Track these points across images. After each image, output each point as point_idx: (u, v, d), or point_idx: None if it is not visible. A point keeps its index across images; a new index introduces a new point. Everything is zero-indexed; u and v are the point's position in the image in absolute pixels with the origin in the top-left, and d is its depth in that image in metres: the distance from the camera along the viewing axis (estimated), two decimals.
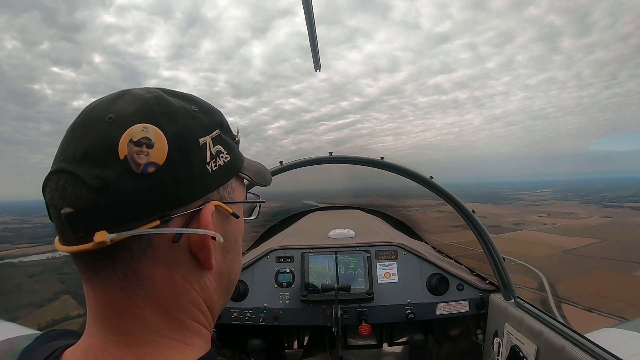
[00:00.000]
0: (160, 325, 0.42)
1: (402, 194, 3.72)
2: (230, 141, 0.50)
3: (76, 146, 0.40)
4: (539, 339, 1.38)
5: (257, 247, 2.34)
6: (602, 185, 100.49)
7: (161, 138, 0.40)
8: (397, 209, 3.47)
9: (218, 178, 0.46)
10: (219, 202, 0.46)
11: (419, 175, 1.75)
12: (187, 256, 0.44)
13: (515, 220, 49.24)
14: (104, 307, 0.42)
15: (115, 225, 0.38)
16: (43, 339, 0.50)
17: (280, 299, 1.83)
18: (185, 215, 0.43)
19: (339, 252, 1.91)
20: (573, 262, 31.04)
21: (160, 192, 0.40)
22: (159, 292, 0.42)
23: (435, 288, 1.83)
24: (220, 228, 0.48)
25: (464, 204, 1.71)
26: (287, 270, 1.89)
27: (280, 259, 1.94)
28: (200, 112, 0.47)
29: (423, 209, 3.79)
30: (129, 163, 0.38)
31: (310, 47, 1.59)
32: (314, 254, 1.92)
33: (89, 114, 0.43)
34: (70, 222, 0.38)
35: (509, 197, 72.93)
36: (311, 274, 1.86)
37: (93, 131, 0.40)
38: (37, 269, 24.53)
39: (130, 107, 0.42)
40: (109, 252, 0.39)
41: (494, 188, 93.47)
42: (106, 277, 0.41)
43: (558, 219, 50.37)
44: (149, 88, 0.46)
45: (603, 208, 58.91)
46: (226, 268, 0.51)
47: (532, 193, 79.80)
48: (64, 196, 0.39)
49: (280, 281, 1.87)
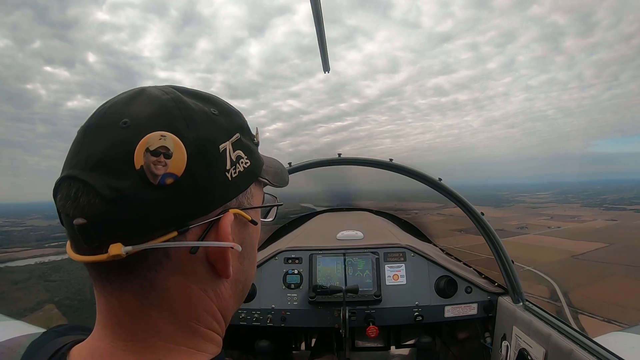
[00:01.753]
0: (172, 333, 0.41)
1: (400, 197, 3.68)
2: (251, 144, 0.48)
3: (89, 152, 0.38)
4: (547, 343, 1.37)
5: (265, 249, 2.31)
6: (602, 187, 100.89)
7: (180, 147, 0.38)
8: (396, 212, 3.42)
9: (238, 185, 0.44)
10: (238, 210, 0.45)
11: (428, 177, 1.75)
12: (205, 266, 0.43)
13: (518, 224, 48.71)
14: (115, 313, 0.40)
15: (131, 237, 0.37)
16: (51, 334, 0.49)
17: (288, 301, 1.83)
18: (204, 225, 0.41)
19: (347, 253, 1.91)
20: (584, 268, 30.01)
21: (178, 204, 0.38)
22: (174, 301, 0.41)
23: (443, 290, 1.82)
24: (238, 236, 0.47)
25: (473, 206, 1.71)
26: (295, 272, 1.88)
27: (289, 260, 1.93)
28: (220, 114, 0.44)
29: (423, 212, 3.71)
30: (145, 174, 0.36)
31: (319, 47, 1.57)
32: (322, 256, 1.92)
33: (103, 116, 0.40)
34: (84, 233, 0.37)
35: (509, 200, 72.94)
36: (319, 276, 1.85)
37: (107, 137, 0.38)
38: (23, 275, 23.82)
39: (147, 111, 0.39)
40: (124, 263, 0.37)
41: (493, 190, 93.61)
42: (120, 287, 0.40)
43: (562, 222, 49.79)
44: (165, 88, 0.43)
45: (605, 211, 58.52)
46: (242, 275, 0.50)
47: (531, 195, 79.91)
48: (77, 205, 0.37)
49: (288, 282, 1.86)
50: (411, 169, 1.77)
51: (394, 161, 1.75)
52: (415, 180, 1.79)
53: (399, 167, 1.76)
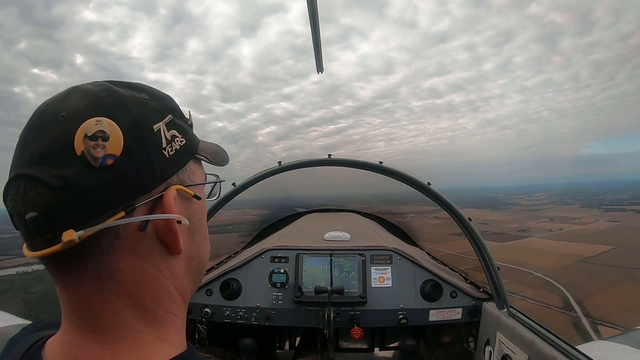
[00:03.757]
0: (134, 320, 0.43)
1: (394, 201, 3.65)
2: (184, 125, 0.50)
3: (32, 149, 0.40)
4: (530, 349, 1.37)
5: (252, 247, 2.31)
6: (596, 188, 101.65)
7: (115, 129, 0.40)
8: (393, 216, 3.39)
9: (176, 162, 0.46)
10: (180, 186, 0.47)
11: (416, 181, 1.76)
12: (156, 244, 0.45)
13: (519, 227, 47.97)
14: (77, 305, 0.42)
15: (82, 222, 0.38)
16: (29, 329, 0.51)
17: (273, 299, 1.83)
18: (149, 202, 0.43)
19: (333, 254, 1.91)
20: (594, 273, 28.90)
21: (122, 183, 0.40)
22: (130, 284, 0.43)
23: (428, 294, 1.82)
24: (184, 211, 0.48)
25: (460, 211, 1.71)
26: (282, 271, 1.88)
27: (275, 259, 1.93)
28: (151, 99, 0.46)
29: (419, 216, 3.62)
30: (86, 158, 0.38)
31: (313, 48, 1.56)
32: (309, 256, 1.91)
33: (41, 115, 0.42)
34: (37, 226, 0.38)
35: (505, 202, 72.95)
36: (305, 276, 1.85)
37: (47, 131, 0.40)
38: (2, 286, 22.73)
39: (81, 103, 0.41)
40: (78, 250, 0.39)
41: (488, 193, 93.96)
42: (79, 276, 0.41)
43: (563, 224, 49.10)
44: (97, 82, 0.45)
45: (605, 212, 58.21)
46: (195, 251, 0.51)
47: (527, 197, 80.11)
48: (27, 201, 0.39)
49: (274, 281, 1.86)
50: (400, 172, 1.77)
51: (383, 164, 1.75)
52: (404, 183, 1.78)
53: (387, 170, 1.76)
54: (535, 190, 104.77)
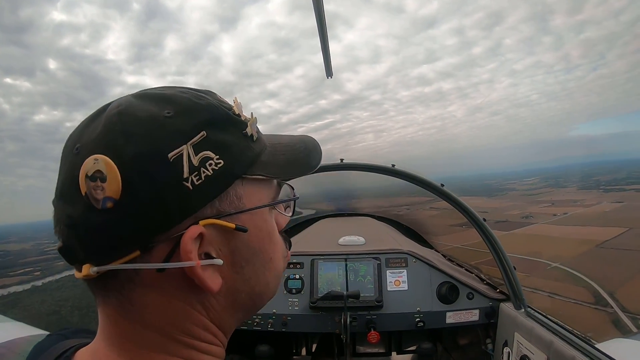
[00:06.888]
0: (165, 345, 0.40)
1: (387, 194, 3.55)
2: (229, 138, 0.42)
3: (58, 180, 0.40)
4: (549, 349, 1.36)
5: None
6: (589, 170, 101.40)
7: (112, 169, 0.35)
8: (387, 209, 3.32)
9: (206, 192, 0.39)
10: (212, 220, 0.39)
11: (430, 183, 1.76)
12: (184, 280, 0.39)
13: (521, 213, 46.32)
14: (106, 322, 0.41)
15: (95, 259, 0.37)
16: (55, 337, 0.49)
17: (289, 305, 1.84)
18: (170, 241, 0.38)
19: (348, 259, 1.92)
20: (615, 259, 26.84)
21: (128, 224, 0.36)
22: (155, 317, 0.40)
23: (445, 296, 1.81)
24: (226, 246, 0.42)
25: (475, 212, 1.70)
26: (297, 277, 1.89)
27: (290, 265, 1.93)
28: (177, 115, 0.39)
29: (414, 207, 3.58)
30: (89, 199, 0.36)
31: (322, 52, 1.58)
32: (324, 261, 1.92)
33: (66, 143, 0.41)
34: (63, 255, 0.39)
35: (500, 189, 71.68)
36: (321, 281, 1.86)
37: (65, 164, 0.39)
38: None
39: (95, 132, 0.38)
40: (101, 280, 0.38)
41: (481, 180, 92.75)
42: (104, 301, 0.41)
43: (566, 207, 47.61)
44: (125, 97, 0.41)
45: (605, 192, 57.07)
46: (244, 284, 0.45)
47: (520, 182, 79.12)
48: (56, 230, 0.40)
49: (289, 287, 1.87)
50: (414, 174, 1.78)
51: (395, 167, 1.77)
52: (417, 185, 1.78)
53: (401, 172, 1.77)
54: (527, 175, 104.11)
